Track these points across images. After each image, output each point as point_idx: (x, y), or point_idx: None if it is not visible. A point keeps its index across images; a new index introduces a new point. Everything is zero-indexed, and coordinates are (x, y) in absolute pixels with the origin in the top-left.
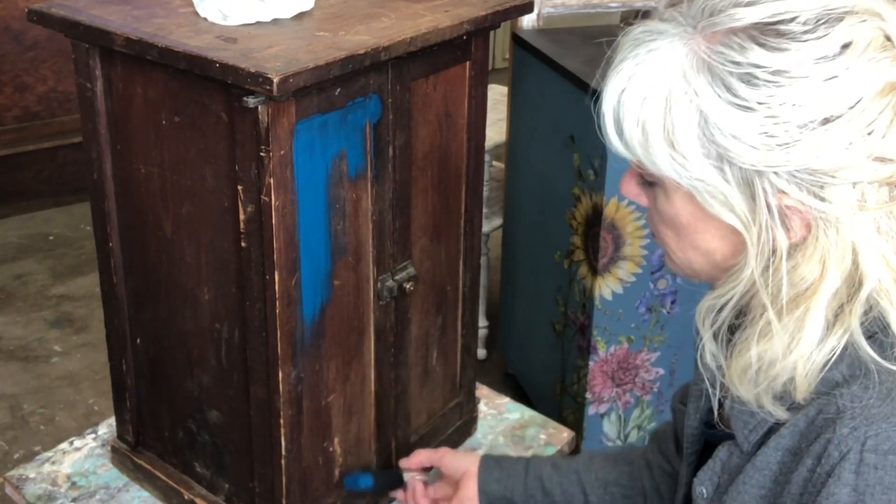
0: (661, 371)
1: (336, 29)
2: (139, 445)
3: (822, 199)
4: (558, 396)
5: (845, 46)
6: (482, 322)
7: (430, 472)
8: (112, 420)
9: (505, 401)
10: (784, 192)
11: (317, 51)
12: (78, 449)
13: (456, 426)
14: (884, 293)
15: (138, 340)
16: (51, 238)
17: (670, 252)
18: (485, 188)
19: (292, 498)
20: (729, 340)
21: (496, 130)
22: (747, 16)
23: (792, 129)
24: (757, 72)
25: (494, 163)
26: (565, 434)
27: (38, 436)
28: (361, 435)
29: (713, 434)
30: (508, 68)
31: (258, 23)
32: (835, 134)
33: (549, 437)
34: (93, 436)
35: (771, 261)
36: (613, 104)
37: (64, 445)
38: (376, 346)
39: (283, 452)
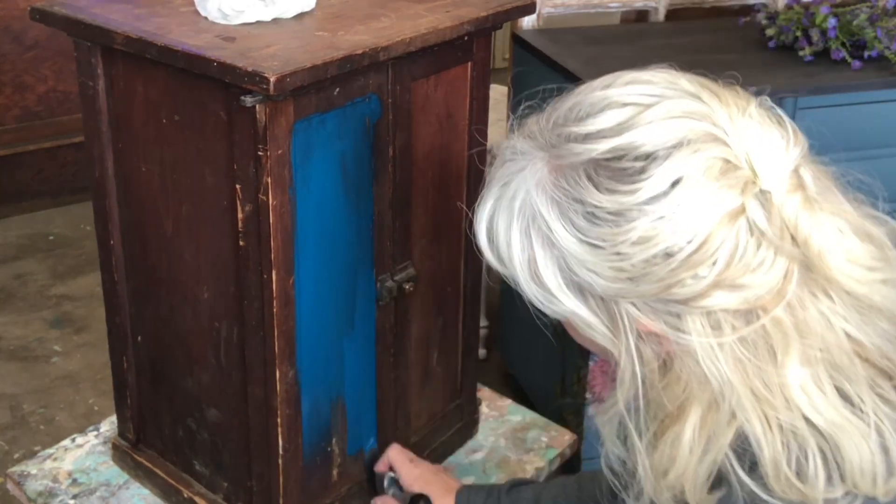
0: None
1: (335, 29)
2: (140, 443)
3: (678, 329)
4: (558, 396)
5: (675, 183)
6: (482, 322)
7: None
8: (114, 418)
9: (507, 402)
10: (641, 321)
11: (315, 50)
12: (80, 446)
13: (457, 428)
14: (745, 418)
15: (139, 338)
16: (51, 238)
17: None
18: None
19: (289, 497)
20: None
21: (496, 130)
22: (583, 152)
23: (637, 264)
24: (597, 211)
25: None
26: (567, 437)
27: (38, 436)
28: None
29: None
30: (508, 68)
31: (258, 22)
32: (679, 266)
33: (550, 439)
34: (95, 433)
35: (642, 382)
36: (485, 226)
37: (66, 442)
38: (376, 347)
39: (281, 452)
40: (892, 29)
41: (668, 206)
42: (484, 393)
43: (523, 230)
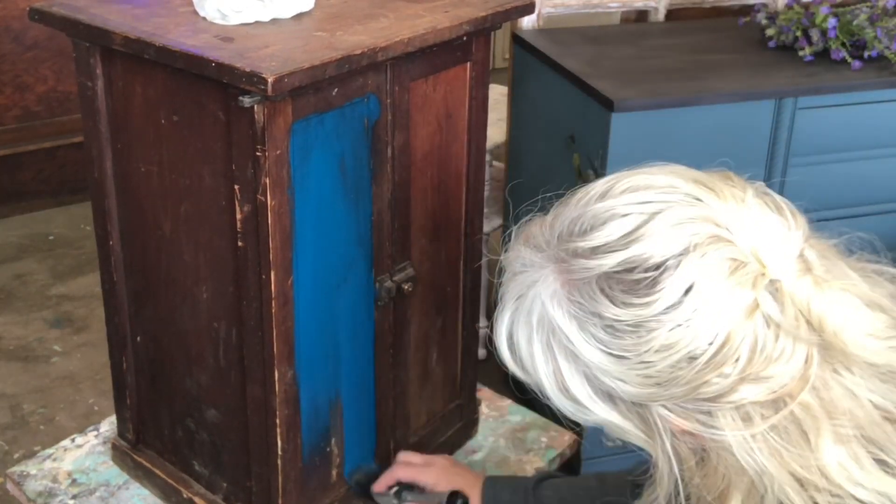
0: None
1: (334, 29)
2: (139, 443)
3: (710, 426)
4: None
5: (688, 291)
6: (482, 322)
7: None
8: (114, 418)
9: (507, 403)
10: (673, 422)
11: (313, 51)
12: (79, 446)
13: (456, 428)
14: (789, 501)
15: (138, 338)
16: (51, 238)
17: None
18: (485, 188)
19: (288, 498)
20: None
21: (496, 130)
22: (593, 267)
23: (663, 370)
24: (616, 324)
25: (494, 163)
26: (566, 437)
27: (38, 436)
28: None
29: None
30: (508, 68)
31: (256, 22)
32: (704, 368)
33: (550, 440)
34: (94, 433)
35: (680, 478)
36: (506, 339)
37: (65, 442)
38: (375, 348)
39: (280, 452)
40: (892, 29)
41: (685, 313)
42: (484, 393)
43: (545, 343)
